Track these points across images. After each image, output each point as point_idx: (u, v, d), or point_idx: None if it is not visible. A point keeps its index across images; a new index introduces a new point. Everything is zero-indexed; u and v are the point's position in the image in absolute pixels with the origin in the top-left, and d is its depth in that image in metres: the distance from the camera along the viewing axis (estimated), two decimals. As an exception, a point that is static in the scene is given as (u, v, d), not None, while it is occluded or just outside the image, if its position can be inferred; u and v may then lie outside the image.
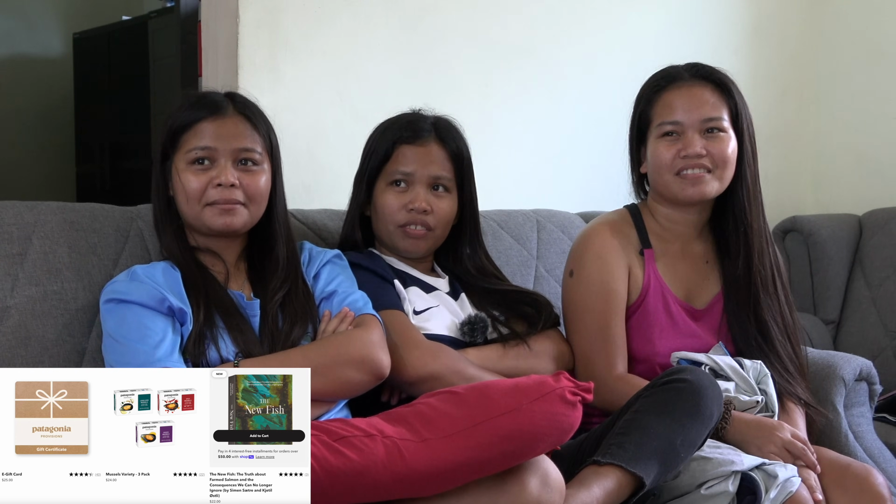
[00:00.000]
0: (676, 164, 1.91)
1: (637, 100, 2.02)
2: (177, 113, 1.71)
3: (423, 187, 1.88)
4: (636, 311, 1.95)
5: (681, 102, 1.93)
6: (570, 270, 1.99)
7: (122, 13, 4.66)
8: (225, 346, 1.60)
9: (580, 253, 1.99)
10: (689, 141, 1.90)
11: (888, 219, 3.01)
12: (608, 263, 1.94)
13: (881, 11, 3.26)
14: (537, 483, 1.37)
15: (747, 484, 1.61)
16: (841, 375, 2.09)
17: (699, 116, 1.91)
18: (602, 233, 1.98)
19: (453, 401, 1.38)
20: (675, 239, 2.01)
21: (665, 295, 1.96)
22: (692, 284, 2.01)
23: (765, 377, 1.86)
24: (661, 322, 1.95)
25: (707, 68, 1.97)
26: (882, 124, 3.25)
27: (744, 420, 1.77)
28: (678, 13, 3.03)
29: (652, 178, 1.99)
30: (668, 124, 1.93)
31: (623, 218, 2.03)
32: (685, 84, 1.95)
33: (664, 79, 1.97)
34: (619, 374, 1.90)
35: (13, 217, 1.75)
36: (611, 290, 1.93)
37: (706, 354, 1.87)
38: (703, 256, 2.03)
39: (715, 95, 1.93)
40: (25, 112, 4.84)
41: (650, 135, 1.97)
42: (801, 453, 1.74)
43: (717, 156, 1.91)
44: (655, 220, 2.02)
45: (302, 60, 2.29)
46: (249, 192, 1.68)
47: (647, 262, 1.97)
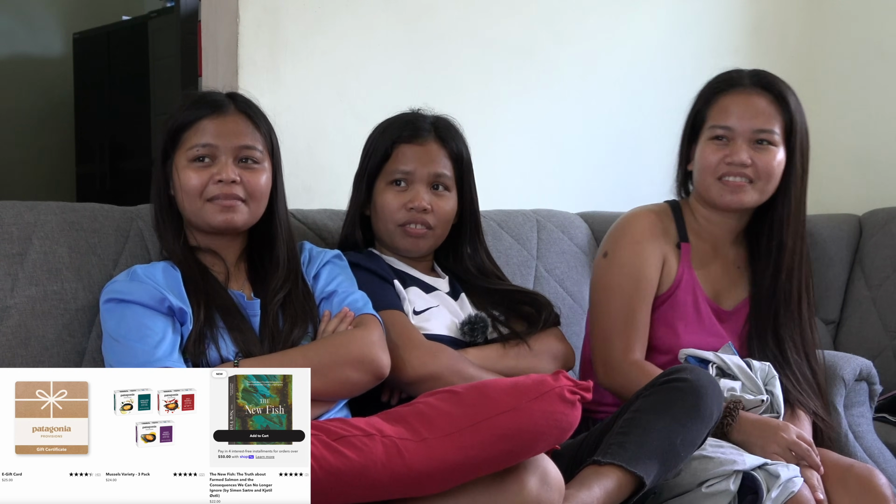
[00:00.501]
0: (720, 169, 1.92)
1: (696, 98, 2.02)
2: (178, 112, 1.72)
3: (423, 186, 1.88)
4: (665, 302, 1.96)
5: (736, 109, 1.93)
6: (605, 252, 1.99)
7: (122, 13, 4.66)
8: (225, 345, 1.60)
9: (618, 235, 2.00)
10: (737, 148, 1.91)
11: (888, 219, 3.00)
12: (644, 249, 1.95)
13: (881, 11, 3.25)
14: (536, 482, 1.37)
15: (749, 483, 1.62)
16: (841, 375, 2.09)
17: (751, 126, 1.92)
18: (643, 219, 2.00)
19: (452, 400, 1.38)
20: (711, 240, 2.02)
21: (696, 291, 1.97)
22: (722, 286, 2.02)
23: (772, 378, 1.86)
24: (689, 316, 1.96)
25: (769, 77, 1.97)
26: (882, 124, 3.25)
27: (749, 420, 1.77)
28: (678, 13, 3.03)
29: (696, 178, 2.00)
30: (720, 128, 1.93)
31: (664, 210, 2.04)
32: (744, 91, 1.95)
33: (725, 82, 1.98)
34: (635, 359, 1.90)
35: (13, 217, 1.75)
36: (643, 275, 1.94)
37: (714, 353, 1.88)
38: (735, 261, 2.04)
39: (772, 107, 1.93)
40: (25, 112, 4.84)
41: (702, 135, 1.97)
42: (805, 454, 1.74)
43: (762, 168, 1.91)
44: (694, 218, 2.03)
45: (302, 60, 2.29)
46: (250, 189, 1.69)
47: (683, 256, 1.98)
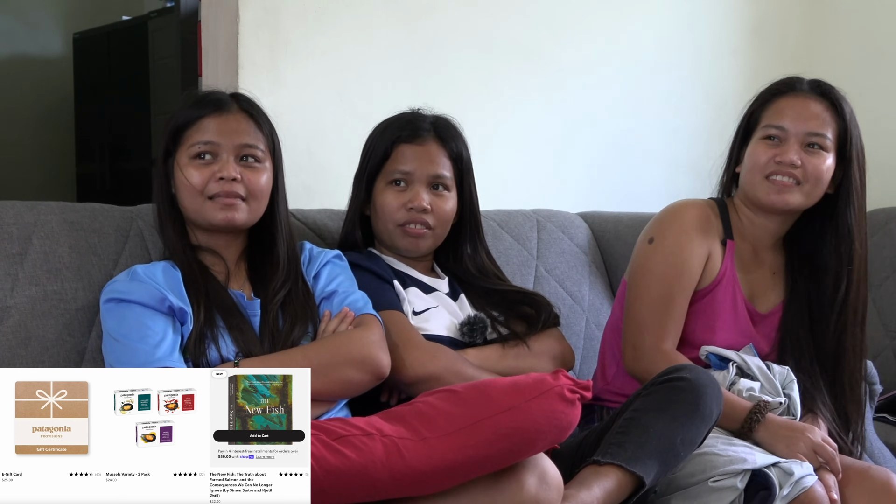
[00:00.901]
0: (769, 168, 1.92)
1: (753, 100, 2.03)
2: (180, 110, 1.72)
3: (423, 186, 1.88)
4: (704, 297, 1.96)
5: (791, 111, 1.94)
6: (651, 237, 1.99)
7: (122, 13, 4.66)
8: (225, 345, 1.60)
9: (667, 223, 1.99)
10: (788, 148, 1.92)
11: (888, 219, 3.00)
12: (691, 240, 1.95)
13: (881, 11, 3.26)
14: (535, 481, 1.37)
15: (762, 480, 1.62)
16: (841, 375, 2.09)
17: (805, 128, 1.92)
18: (694, 210, 1.99)
19: (452, 399, 1.38)
20: (752, 242, 2.02)
21: (735, 290, 1.97)
22: (758, 289, 2.02)
23: (790, 382, 1.86)
24: (726, 314, 1.96)
25: (828, 86, 1.98)
26: (882, 124, 3.25)
27: (775, 421, 1.78)
28: (678, 13, 3.03)
29: (743, 177, 2.00)
30: (774, 128, 1.94)
31: (711, 206, 2.03)
32: (801, 94, 1.96)
33: (784, 84, 1.99)
34: (666, 349, 1.90)
35: (13, 217, 1.75)
36: (686, 266, 1.93)
37: (736, 352, 1.88)
38: (771, 266, 2.04)
39: (827, 113, 1.94)
40: (25, 112, 4.85)
41: (754, 135, 1.98)
42: (829, 458, 1.74)
43: (811, 171, 1.92)
44: (738, 218, 2.03)
45: (302, 60, 2.29)
46: (251, 188, 1.69)
47: (728, 253, 1.98)
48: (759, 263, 2.03)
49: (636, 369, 1.91)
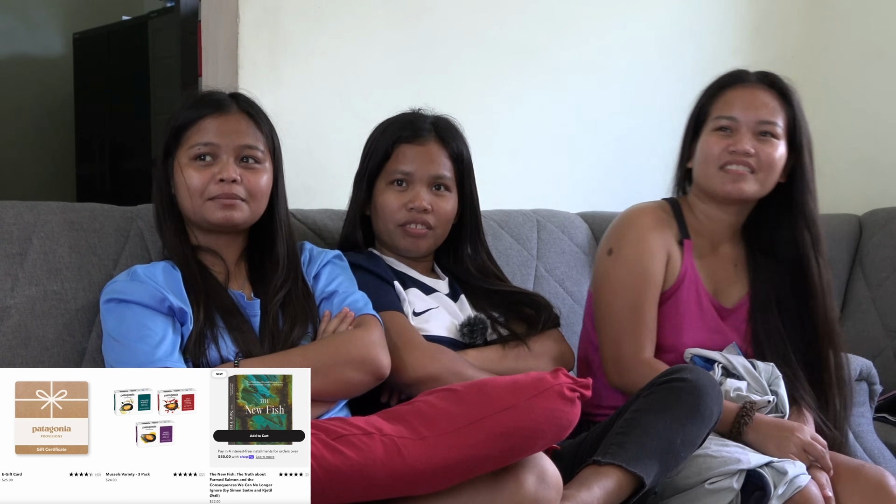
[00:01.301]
0: (723, 158, 1.93)
1: (700, 94, 2.03)
2: (180, 110, 1.72)
3: (424, 187, 1.88)
4: (668, 300, 1.96)
5: (740, 101, 1.95)
6: (609, 248, 1.99)
7: (122, 13, 4.66)
8: (225, 345, 1.60)
9: (622, 232, 1.99)
10: (740, 138, 1.92)
11: (888, 219, 3.00)
12: (650, 245, 1.95)
13: (881, 11, 3.26)
14: (534, 480, 1.37)
15: (756, 480, 1.62)
16: (841, 375, 2.09)
17: (755, 117, 1.93)
18: (647, 214, 1.99)
19: (452, 398, 1.38)
20: (709, 237, 2.02)
21: (698, 288, 1.97)
22: (721, 283, 2.02)
23: (776, 379, 1.86)
24: (692, 313, 1.96)
25: (773, 76, 1.99)
26: (882, 124, 3.25)
27: (765, 421, 1.78)
28: (678, 13, 3.03)
29: (696, 171, 2.00)
30: (724, 119, 1.95)
31: (665, 207, 2.04)
32: (749, 85, 1.97)
33: (731, 76, 2.00)
34: (647, 358, 1.90)
35: (13, 217, 1.75)
36: (649, 272, 1.94)
37: (720, 353, 1.88)
38: (732, 259, 2.04)
39: (775, 101, 1.96)
40: (25, 112, 4.85)
41: (705, 128, 1.98)
42: (819, 456, 1.74)
43: (765, 159, 1.92)
44: (694, 215, 2.03)
45: (302, 60, 2.29)
46: (250, 189, 1.69)
47: (686, 252, 1.98)
48: (720, 258, 2.03)
49: (621, 383, 1.91)
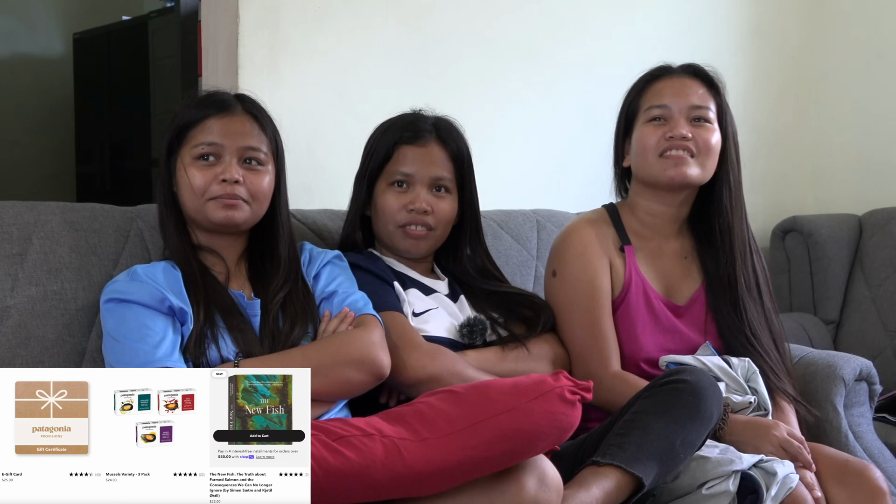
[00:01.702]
0: (661, 145, 1.93)
1: (627, 93, 2.04)
2: (184, 110, 1.72)
3: (424, 188, 1.88)
4: (618, 308, 1.96)
5: (670, 91, 1.96)
6: (553, 270, 1.99)
7: (122, 13, 4.66)
8: (225, 345, 1.60)
9: (561, 252, 1.99)
10: (676, 124, 1.93)
11: (888, 219, 3.01)
12: (590, 260, 1.95)
13: (881, 12, 3.26)
14: (535, 482, 1.37)
15: (748, 483, 1.62)
16: (841, 375, 2.09)
17: (687, 103, 1.94)
18: (581, 230, 1.99)
19: (452, 400, 1.38)
20: (654, 235, 2.02)
21: (647, 291, 1.97)
22: (672, 280, 2.01)
23: (754, 374, 1.86)
24: (644, 318, 1.95)
25: (699, 67, 2.00)
26: (882, 124, 3.25)
27: (739, 421, 1.78)
28: (678, 13, 3.03)
29: (635, 164, 1.99)
30: (657, 108, 1.95)
31: (601, 216, 2.04)
32: (676, 76, 1.98)
33: (656, 70, 2.01)
34: (615, 371, 1.90)
35: (13, 217, 1.75)
36: (596, 286, 1.94)
37: (693, 356, 1.87)
38: (680, 252, 2.03)
39: (703, 88, 1.97)
40: (25, 112, 4.85)
41: (637, 123, 1.98)
42: (797, 452, 1.74)
43: (702, 143, 1.92)
44: (635, 216, 2.02)
45: (302, 60, 2.29)
46: (252, 190, 1.69)
47: (628, 258, 1.97)
48: (667, 255, 2.02)
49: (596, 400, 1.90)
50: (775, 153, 3.24)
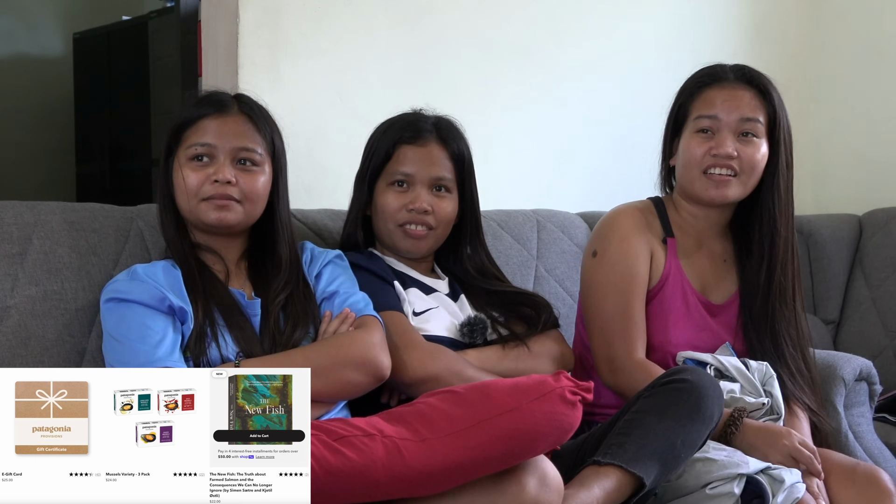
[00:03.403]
0: (706, 162, 1.92)
1: (679, 92, 2.03)
2: (182, 109, 1.73)
3: (424, 188, 1.88)
4: (654, 298, 1.96)
5: (721, 100, 1.94)
6: (594, 251, 1.99)
7: (122, 13, 4.66)
8: (225, 344, 1.60)
9: (605, 233, 1.99)
10: (723, 140, 1.91)
11: (888, 219, 3.00)
12: (633, 245, 1.95)
13: (881, 11, 3.26)
14: (535, 483, 1.36)
15: (754, 488, 1.61)
16: (841, 375, 2.09)
17: (737, 116, 1.92)
18: (628, 215, 2.00)
19: (453, 400, 1.38)
20: (696, 234, 2.02)
21: (684, 285, 1.97)
22: (710, 280, 2.01)
23: (770, 378, 1.85)
24: (678, 311, 1.95)
25: (752, 72, 1.98)
26: (882, 124, 3.25)
27: (752, 426, 1.77)
28: (678, 13, 3.03)
29: (679, 172, 2.00)
30: (706, 118, 1.94)
31: (647, 207, 2.04)
32: (728, 84, 1.96)
33: (709, 76, 1.99)
34: (639, 359, 1.90)
35: (13, 217, 1.75)
36: (634, 271, 1.94)
37: (712, 355, 1.87)
38: (721, 255, 2.04)
39: (756, 100, 1.95)
40: (25, 112, 4.84)
41: (686, 128, 1.98)
42: (807, 461, 1.73)
43: (747, 160, 1.92)
44: (678, 213, 2.03)
45: (302, 60, 2.29)
46: (245, 191, 1.68)
47: (669, 251, 1.98)
48: (707, 254, 2.03)
49: (615, 383, 1.92)
50: (775, 153, 3.23)
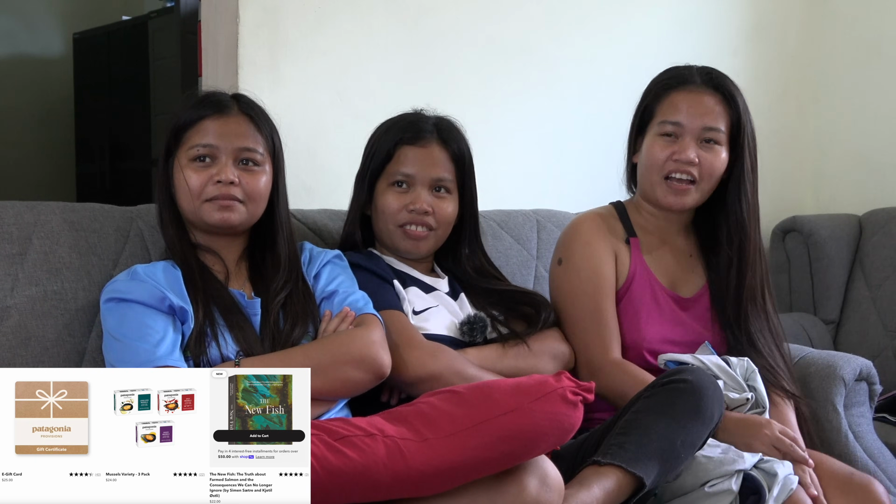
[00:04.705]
0: (667, 167, 1.95)
1: (645, 93, 2.05)
2: (181, 110, 1.72)
3: (425, 188, 1.88)
4: (623, 298, 1.98)
5: (686, 106, 1.96)
6: (559, 259, 2.03)
7: (122, 13, 4.67)
8: (225, 343, 1.60)
9: (568, 241, 2.03)
10: (685, 146, 1.94)
11: (888, 219, 3.01)
12: (596, 249, 1.99)
13: (881, 12, 3.26)
14: (536, 483, 1.36)
15: (750, 483, 1.62)
16: (841, 375, 2.09)
17: (701, 124, 1.94)
18: (589, 221, 2.04)
19: (454, 400, 1.38)
20: (659, 233, 2.06)
21: (651, 282, 2.00)
22: (677, 275, 2.04)
23: (752, 373, 1.87)
24: (649, 308, 1.98)
25: (719, 77, 1.99)
26: (882, 124, 3.25)
27: (732, 418, 1.78)
28: (678, 13, 3.03)
29: (641, 173, 2.03)
30: (670, 124, 1.96)
31: (609, 212, 2.08)
32: (695, 89, 1.97)
33: (675, 78, 2.00)
34: (615, 359, 1.92)
35: (13, 217, 1.75)
36: (601, 274, 1.97)
37: (692, 355, 1.88)
38: (686, 251, 2.07)
39: (720, 106, 1.96)
40: (25, 112, 4.85)
41: (650, 129, 2.00)
42: (788, 449, 1.74)
43: (707, 167, 1.94)
44: (640, 214, 2.06)
45: (302, 60, 2.29)
46: (248, 191, 1.69)
47: (633, 250, 2.01)
48: (671, 251, 2.05)
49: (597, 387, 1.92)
50: (775, 153, 3.23)
